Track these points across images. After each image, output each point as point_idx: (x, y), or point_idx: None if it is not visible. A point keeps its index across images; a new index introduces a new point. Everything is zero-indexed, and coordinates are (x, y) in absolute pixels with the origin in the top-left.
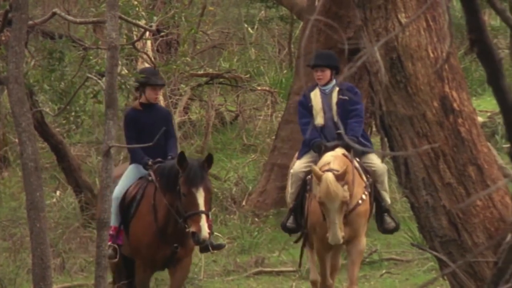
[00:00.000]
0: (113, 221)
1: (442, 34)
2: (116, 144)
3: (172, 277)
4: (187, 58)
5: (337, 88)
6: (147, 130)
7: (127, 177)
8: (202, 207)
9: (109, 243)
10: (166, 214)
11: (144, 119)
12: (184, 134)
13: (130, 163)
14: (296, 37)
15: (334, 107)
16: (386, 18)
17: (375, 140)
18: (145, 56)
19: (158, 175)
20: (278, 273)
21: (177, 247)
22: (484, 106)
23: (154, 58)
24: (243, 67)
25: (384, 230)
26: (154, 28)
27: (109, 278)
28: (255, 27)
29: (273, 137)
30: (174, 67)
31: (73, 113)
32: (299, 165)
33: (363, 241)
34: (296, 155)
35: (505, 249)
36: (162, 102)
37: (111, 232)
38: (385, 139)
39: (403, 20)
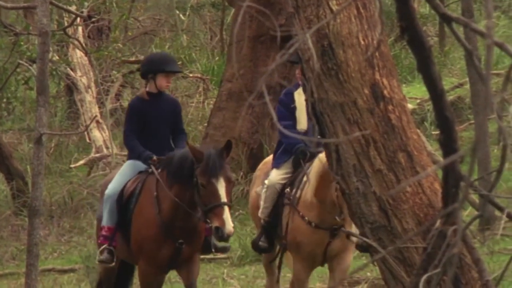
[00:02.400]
0: (107, 220)
1: (373, 22)
2: (47, 132)
3: (185, 277)
4: (119, 45)
5: None
6: (153, 123)
7: (122, 174)
8: (224, 198)
9: (105, 245)
10: (173, 207)
11: (151, 111)
12: (116, 121)
13: (128, 159)
14: (228, 24)
15: None
16: (317, 5)
17: None
18: (76, 42)
19: (163, 166)
20: (210, 260)
21: (182, 244)
22: (414, 93)
23: (86, 45)
24: (175, 53)
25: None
26: (85, 14)
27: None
28: (187, 13)
29: (205, 124)
30: (106, 53)
31: (4, 100)
32: (276, 176)
33: (350, 257)
34: (267, 160)
35: (434, 234)
36: (93, 89)
37: (105, 233)
38: (317, 126)
39: (334, 8)
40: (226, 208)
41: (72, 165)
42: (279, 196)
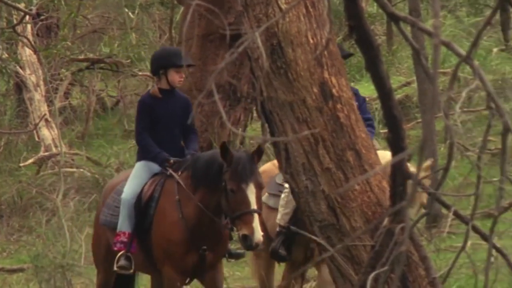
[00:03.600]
0: (125, 226)
1: (322, 20)
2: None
3: (210, 287)
4: (68, 43)
5: None
6: (165, 121)
7: (137, 176)
8: (253, 205)
9: (122, 251)
10: (197, 213)
11: (162, 108)
12: (64, 120)
13: (139, 160)
14: (177, 22)
15: None
16: (266, 4)
17: (256, 125)
18: (25, 40)
19: (185, 168)
20: None
21: (205, 250)
22: (362, 92)
23: (35, 42)
24: (124, 52)
25: None
26: (34, 11)
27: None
28: (136, 11)
29: None
30: (55, 51)
31: None
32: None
33: None
34: (266, 168)
35: (382, 232)
36: (42, 87)
37: (123, 239)
38: (266, 125)
39: (283, 6)
40: (256, 216)
41: (21, 164)
42: None
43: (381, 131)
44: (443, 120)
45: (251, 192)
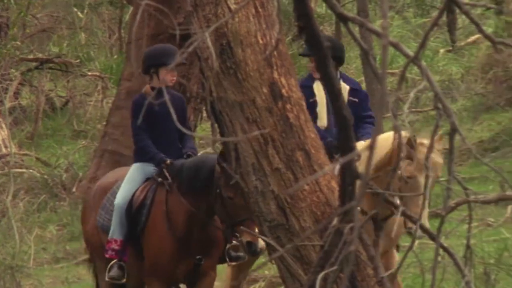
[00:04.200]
0: (117, 233)
1: (271, 21)
2: None
3: None
4: (17, 42)
5: (346, 86)
6: (160, 121)
7: (131, 180)
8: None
9: (114, 260)
10: (187, 219)
11: (158, 108)
12: (14, 120)
13: (136, 161)
14: (126, 22)
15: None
16: (216, 4)
17: (206, 125)
18: None
19: (174, 175)
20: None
21: (201, 260)
22: None
23: None
24: (73, 52)
25: None
26: None
27: None
28: (85, 11)
29: (104, 123)
30: (4, 51)
31: None
32: None
33: (396, 254)
34: None
35: (331, 232)
36: None
37: (114, 247)
38: (216, 125)
39: (233, 6)
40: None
41: None
42: None
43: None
44: (391, 120)
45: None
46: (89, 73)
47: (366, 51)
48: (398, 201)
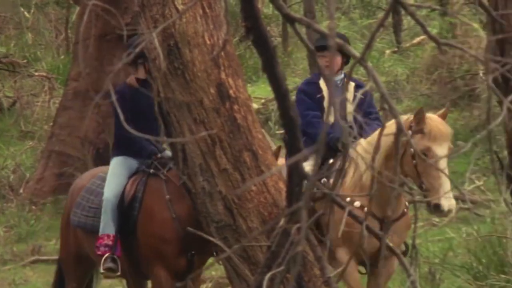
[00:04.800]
0: (108, 228)
1: (219, 21)
2: None
3: None
4: None
5: (351, 83)
6: (145, 113)
7: (117, 175)
8: None
9: (107, 254)
10: (191, 213)
11: (142, 100)
12: None
13: (116, 155)
14: (73, 22)
15: (350, 107)
16: (163, 5)
17: None
18: None
19: (174, 166)
20: (55, 261)
21: (194, 255)
22: (259, 93)
23: None
24: (20, 52)
25: None
26: None
27: None
28: (32, 11)
29: (51, 124)
30: None
31: None
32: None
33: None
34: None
35: (278, 233)
36: None
37: (107, 242)
38: (163, 126)
39: (180, 7)
40: None
41: None
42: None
43: (277, 132)
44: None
45: None
46: (36, 74)
47: (313, 52)
48: (422, 183)
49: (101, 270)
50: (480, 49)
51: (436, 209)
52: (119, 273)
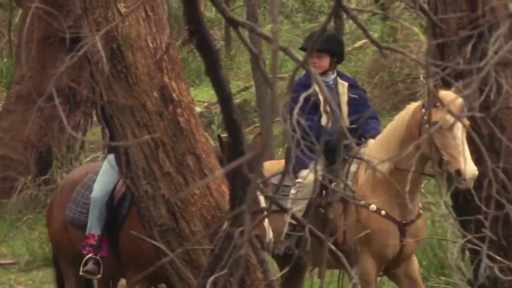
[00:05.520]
0: (94, 227)
1: (161, 25)
2: None
3: None
4: None
5: (345, 83)
6: None
7: (110, 172)
8: (263, 203)
9: (90, 255)
10: None
11: None
12: None
13: (111, 152)
14: (16, 25)
15: (345, 108)
16: (106, 8)
17: (96, 130)
18: None
19: None
20: (3, 265)
21: None
22: (201, 96)
23: None
24: None
25: None
26: None
27: None
28: None
29: None
30: None
31: None
32: (311, 174)
33: (417, 261)
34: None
35: (221, 236)
36: None
37: (92, 242)
38: (106, 129)
39: (123, 10)
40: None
41: None
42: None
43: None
44: (281, 125)
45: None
46: None
47: (256, 56)
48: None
49: (80, 272)
50: (420, 53)
51: (457, 175)
52: (99, 275)
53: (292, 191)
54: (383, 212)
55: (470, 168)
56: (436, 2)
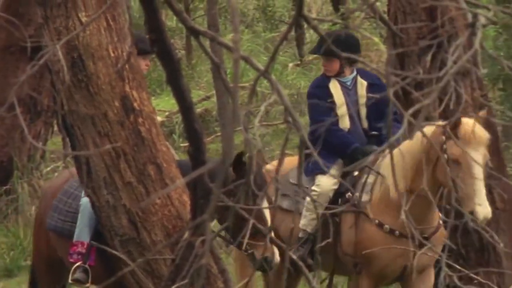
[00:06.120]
0: (84, 235)
1: (123, 34)
2: None
3: None
4: None
5: (364, 82)
6: None
7: None
8: (269, 223)
9: (78, 263)
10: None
11: None
12: None
13: (75, 162)
14: None
15: (363, 110)
16: (66, 17)
17: (57, 139)
18: None
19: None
20: None
21: None
22: (163, 106)
23: None
24: None
25: None
26: None
27: None
28: None
29: None
30: None
31: None
32: (328, 181)
33: (433, 274)
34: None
35: (182, 246)
36: None
37: (81, 250)
38: (67, 139)
39: (84, 19)
40: (272, 235)
41: None
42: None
43: (182, 144)
44: (243, 134)
45: (266, 209)
46: None
47: (217, 65)
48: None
49: (69, 280)
50: (381, 63)
51: (471, 215)
52: (88, 284)
53: (308, 198)
54: (397, 233)
55: (483, 211)
56: (396, 12)
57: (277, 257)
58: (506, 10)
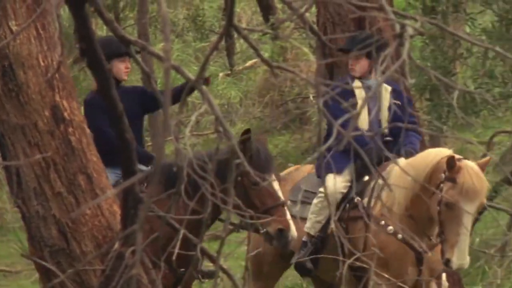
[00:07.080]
0: None
1: (53, 43)
2: None
3: None
4: None
5: (388, 87)
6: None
7: None
8: (282, 196)
9: None
10: (172, 233)
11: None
12: None
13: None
14: None
15: (386, 113)
16: None
17: None
18: None
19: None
20: None
21: (184, 272)
22: None
23: None
24: None
25: None
26: None
27: None
28: None
29: None
30: None
31: None
32: (338, 183)
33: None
34: (309, 166)
35: (112, 256)
36: None
37: None
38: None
39: (14, 28)
40: (286, 208)
41: None
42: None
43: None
44: (173, 144)
45: (275, 183)
46: None
47: (148, 74)
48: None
49: None
50: (310, 73)
51: (446, 263)
52: None
53: (315, 200)
54: (399, 236)
55: (458, 262)
56: (325, 22)
57: (293, 229)
58: (432, 21)
